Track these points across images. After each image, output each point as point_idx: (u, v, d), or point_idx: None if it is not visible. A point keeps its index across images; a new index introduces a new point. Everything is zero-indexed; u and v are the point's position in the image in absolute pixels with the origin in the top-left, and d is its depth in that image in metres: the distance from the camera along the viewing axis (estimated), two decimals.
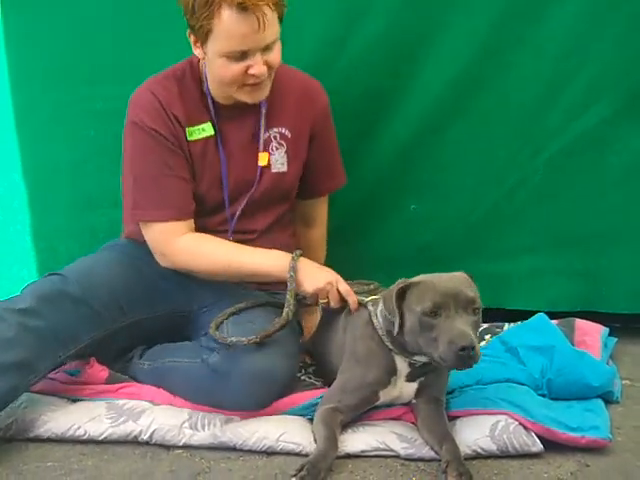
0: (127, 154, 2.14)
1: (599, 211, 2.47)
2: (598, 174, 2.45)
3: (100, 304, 2.05)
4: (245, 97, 2.08)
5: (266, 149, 2.19)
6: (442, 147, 2.50)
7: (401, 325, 1.83)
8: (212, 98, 2.14)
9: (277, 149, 2.21)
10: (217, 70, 2.05)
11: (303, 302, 2.11)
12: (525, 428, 1.87)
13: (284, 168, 2.22)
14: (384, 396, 1.94)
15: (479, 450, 1.85)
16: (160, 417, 1.97)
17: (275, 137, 2.20)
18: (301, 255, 2.08)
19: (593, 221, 2.47)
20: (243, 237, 2.19)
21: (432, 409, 1.92)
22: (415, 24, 2.41)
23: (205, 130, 2.14)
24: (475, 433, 1.87)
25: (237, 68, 2.00)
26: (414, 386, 1.94)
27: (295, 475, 1.72)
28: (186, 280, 2.15)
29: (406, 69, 2.44)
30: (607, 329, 2.37)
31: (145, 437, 1.94)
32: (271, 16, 1.96)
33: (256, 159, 2.18)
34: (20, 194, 2.64)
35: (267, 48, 1.99)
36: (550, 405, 1.97)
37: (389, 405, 2.00)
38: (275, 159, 2.21)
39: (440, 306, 1.77)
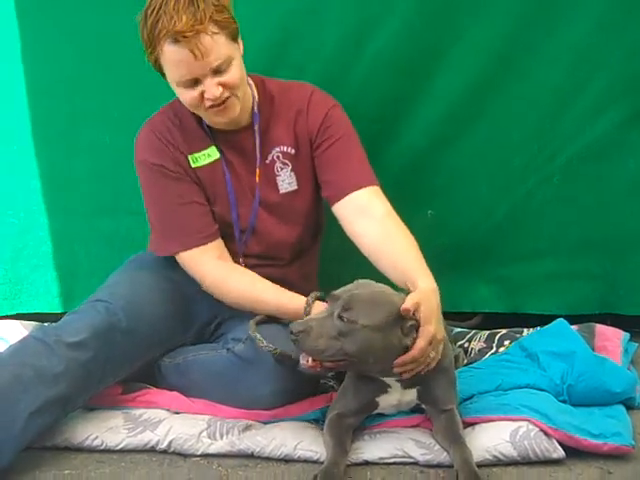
0: (142, 193, 2.14)
1: (617, 214, 2.40)
2: (615, 178, 2.38)
3: (143, 337, 2.00)
4: (216, 118, 2.02)
5: (270, 170, 2.13)
6: (458, 153, 2.44)
7: None
8: (209, 125, 2.10)
9: (282, 169, 2.13)
10: (180, 98, 2.00)
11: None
12: (546, 434, 1.80)
13: (293, 187, 2.14)
14: (383, 402, 1.88)
15: (500, 456, 1.78)
16: (178, 426, 1.92)
17: (278, 157, 2.13)
18: (317, 298, 1.96)
19: (610, 224, 2.41)
20: (265, 263, 2.13)
21: (443, 415, 1.85)
22: (430, 32, 2.35)
23: (211, 155, 2.10)
24: (495, 439, 1.81)
25: (193, 94, 1.95)
26: (413, 393, 1.87)
27: None
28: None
29: (421, 76, 2.39)
30: (628, 334, 2.30)
31: (163, 446, 1.89)
32: (211, 41, 1.89)
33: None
34: (39, 200, 2.61)
35: (217, 71, 1.92)
36: (571, 411, 1.91)
37: (407, 413, 1.94)
38: (282, 179, 2.14)
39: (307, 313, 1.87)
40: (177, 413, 2.01)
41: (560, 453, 1.77)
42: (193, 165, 2.08)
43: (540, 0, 2.28)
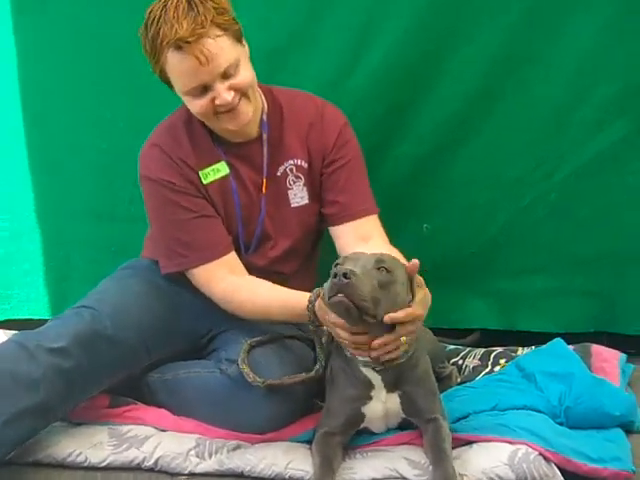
0: (147, 208, 2.01)
1: (614, 231, 2.30)
2: (614, 194, 2.28)
3: (129, 346, 1.89)
4: (228, 124, 1.90)
5: (281, 183, 2.02)
6: (454, 165, 2.34)
7: None
8: (218, 136, 1.99)
9: (295, 182, 2.03)
10: (190, 108, 1.89)
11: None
12: (545, 458, 1.70)
13: (305, 201, 2.04)
14: (369, 412, 1.78)
15: (496, 479, 1.68)
16: (165, 444, 1.81)
17: (291, 170, 2.02)
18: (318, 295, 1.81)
19: (608, 241, 2.31)
20: (267, 277, 1.98)
21: (430, 426, 1.75)
22: (430, 41, 2.25)
23: (220, 170, 1.98)
24: (493, 460, 1.70)
25: (203, 102, 1.84)
26: (396, 398, 1.78)
27: None
28: (209, 306, 1.97)
29: (420, 85, 2.29)
30: (625, 355, 2.20)
31: (149, 464, 1.78)
32: (215, 44, 1.79)
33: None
34: (32, 204, 2.52)
35: (226, 75, 1.82)
36: (569, 434, 1.81)
37: (401, 429, 1.84)
38: (294, 193, 2.03)
39: (344, 260, 1.65)
40: (164, 431, 1.89)
41: (559, 479, 1.67)
42: (204, 182, 1.96)
43: (542, 10, 2.19)
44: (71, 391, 1.78)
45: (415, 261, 1.68)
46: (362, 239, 1.96)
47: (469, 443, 1.78)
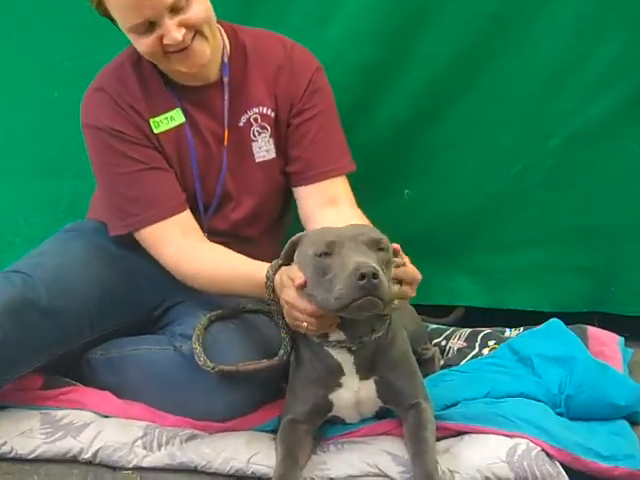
0: (91, 160, 1.83)
1: (613, 202, 2.15)
2: (614, 161, 2.12)
3: (68, 318, 1.72)
4: (180, 66, 1.71)
5: (244, 134, 1.82)
6: (441, 128, 2.17)
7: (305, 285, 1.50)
8: (172, 80, 1.79)
9: (260, 134, 1.84)
10: (136, 47, 1.71)
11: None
12: (548, 455, 1.50)
13: (271, 155, 1.85)
14: (338, 400, 1.61)
15: (492, 477, 1.49)
16: (107, 432, 1.64)
17: (256, 119, 1.83)
18: (280, 266, 1.61)
19: (605, 213, 2.16)
20: (230, 241, 1.81)
21: (410, 415, 1.59)
22: None
23: (174, 118, 1.80)
24: (489, 457, 1.51)
25: (149, 41, 1.66)
26: (372, 385, 1.60)
27: None
28: (165, 274, 1.77)
29: (403, 41, 2.10)
30: (622, 338, 2.03)
31: (87, 456, 1.61)
32: None
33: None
34: None
35: (174, 9, 1.63)
36: (573, 427, 1.61)
37: (378, 418, 1.65)
38: (259, 146, 1.84)
39: (334, 245, 1.46)
40: (107, 417, 1.72)
41: (563, 479, 1.48)
42: (155, 131, 1.79)
43: None
44: None
45: (396, 245, 1.55)
46: (328, 203, 1.81)
47: (459, 434, 1.60)
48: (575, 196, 2.16)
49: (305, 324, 1.49)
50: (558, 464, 1.49)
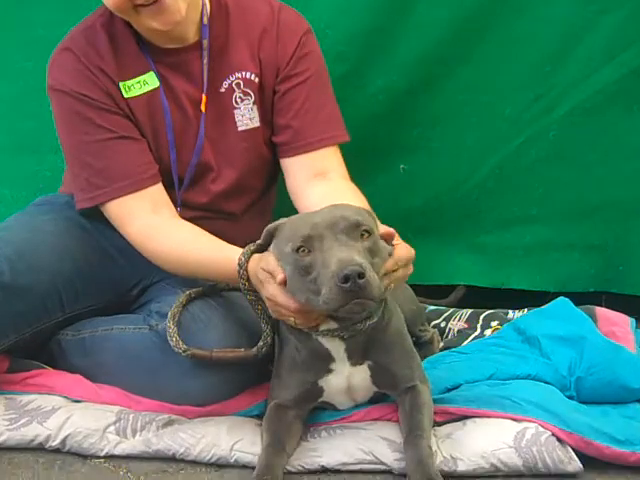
0: (57, 128, 1.73)
1: (620, 177, 2.07)
2: (622, 134, 2.05)
3: (35, 297, 1.62)
4: (152, 22, 1.59)
5: (226, 101, 1.70)
6: (439, 98, 2.10)
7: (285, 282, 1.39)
8: (147, 42, 1.67)
9: (242, 100, 1.71)
10: (104, 1, 1.59)
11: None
12: (559, 440, 1.39)
13: (255, 123, 1.73)
14: (329, 386, 1.51)
15: (498, 464, 1.39)
16: (77, 418, 1.53)
17: (238, 85, 1.71)
18: (254, 252, 1.48)
19: (613, 188, 2.08)
20: (210, 216, 1.73)
21: (406, 398, 1.49)
22: None
23: (147, 83, 1.69)
24: (494, 442, 1.41)
25: None
26: (365, 371, 1.49)
27: None
28: (136, 252, 1.65)
29: (400, 6, 2.03)
30: (634, 320, 1.93)
31: (55, 444, 1.50)
32: None
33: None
34: None
35: None
36: (584, 410, 1.50)
37: (374, 403, 1.55)
38: (241, 114, 1.72)
39: (312, 239, 1.34)
40: (78, 402, 1.61)
41: (576, 465, 1.38)
42: (126, 95, 1.68)
43: None
44: None
45: (391, 230, 1.42)
46: (318, 176, 1.71)
47: (462, 418, 1.49)
48: (580, 170, 2.10)
49: (292, 319, 1.38)
50: (570, 449, 1.39)
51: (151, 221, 1.62)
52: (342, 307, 1.28)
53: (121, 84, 1.67)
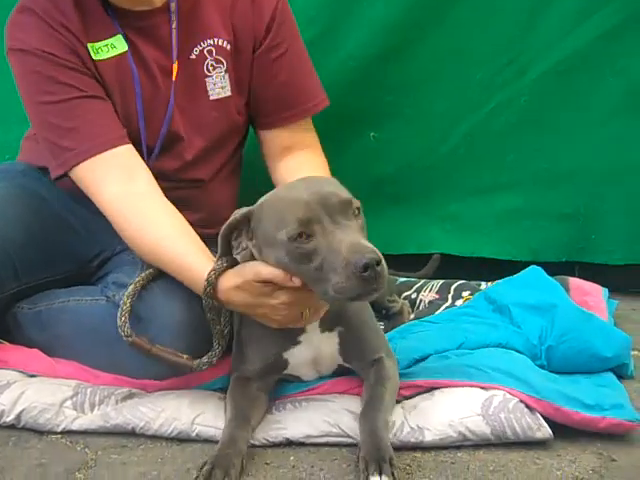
0: (19, 90, 1.62)
1: (592, 143, 2.04)
2: (594, 99, 2.03)
3: None
4: None
5: (197, 68, 1.62)
6: (409, 63, 2.06)
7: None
8: (113, 4, 1.57)
9: (214, 68, 1.64)
10: None
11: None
12: (527, 407, 1.34)
13: (226, 92, 1.66)
14: (294, 358, 1.46)
15: (466, 433, 1.34)
16: (32, 393, 1.47)
17: (210, 52, 1.63)
18: (225, 270, 1.37)
19: (585, 155, 2.05)
20: (178, 185, 1.64)
21: (371, 372, 1.44)
22: None
23: (115, 46, 1.59)
24: (461, 410, 1.36)
25: None
26: (334, 339, 1.44)
27: (197, 477, 1.24)
28: (104, 221, 1.54)
29: None
30: (607, 289, 1.89)
31: (9, 419, 1.43)
32: None
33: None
34: None
35: None
36: (554, 378, 1.46)
37: (339, 374, 1.48)
38: (213, 82, 1.65)
39: (310, 222, 1.25)
40: (34, 376, 1.56)
41: (545, 432, 1.33)
42: (95, 57, 1.59)
43: None
44: None
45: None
46: (293, 147, 1.68)
47: (430, 390, 1.44)
48: (551, 136, 2.06)
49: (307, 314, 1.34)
50: (539, 416, 1.34)
51: (128, 189, 1.51)
52: (360, 296, 1.21)
53: (89, 45, 1.58)
